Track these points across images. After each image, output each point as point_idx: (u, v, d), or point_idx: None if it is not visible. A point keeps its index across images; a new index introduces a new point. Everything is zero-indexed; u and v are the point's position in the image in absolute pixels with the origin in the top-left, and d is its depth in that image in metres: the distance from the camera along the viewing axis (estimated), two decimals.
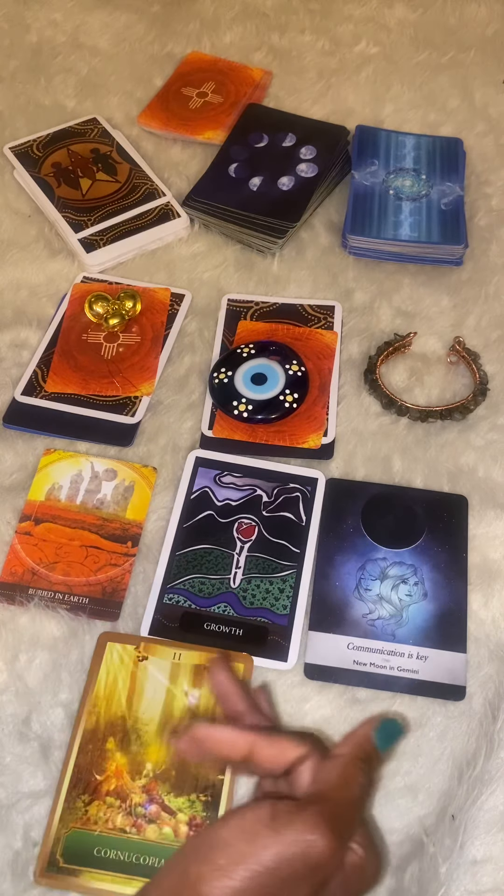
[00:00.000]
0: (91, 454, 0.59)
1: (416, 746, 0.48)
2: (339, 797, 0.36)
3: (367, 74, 0.85)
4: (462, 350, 0.63)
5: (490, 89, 0.83)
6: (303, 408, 0.61)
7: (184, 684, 0.49)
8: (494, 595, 0.53)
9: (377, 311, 0.67)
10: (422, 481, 0.58)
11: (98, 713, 0.48)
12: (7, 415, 0.61)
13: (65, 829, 0.45)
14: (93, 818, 0.45)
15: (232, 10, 0.91)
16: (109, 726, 0.48)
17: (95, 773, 0.46)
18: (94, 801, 0.46)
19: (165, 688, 0.49)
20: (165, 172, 0.76)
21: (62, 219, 0.71)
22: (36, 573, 0.54)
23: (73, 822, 0.45)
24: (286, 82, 0.84)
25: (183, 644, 0.51)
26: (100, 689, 0.49)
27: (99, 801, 0.46)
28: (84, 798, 0.46)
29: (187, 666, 0.50)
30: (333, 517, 0.56)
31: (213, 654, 0.50)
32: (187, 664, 0.50)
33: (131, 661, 0.50)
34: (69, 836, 0.45)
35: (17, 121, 0.81)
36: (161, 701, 0.48)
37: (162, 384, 0.63)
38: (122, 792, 0.46)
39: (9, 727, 0.48)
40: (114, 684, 0.49)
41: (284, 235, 0.69)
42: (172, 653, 0.50)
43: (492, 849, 0.44)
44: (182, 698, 0.49)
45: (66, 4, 0.91)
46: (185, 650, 0.50)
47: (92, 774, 0.46)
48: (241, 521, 0.56)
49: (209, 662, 0.48)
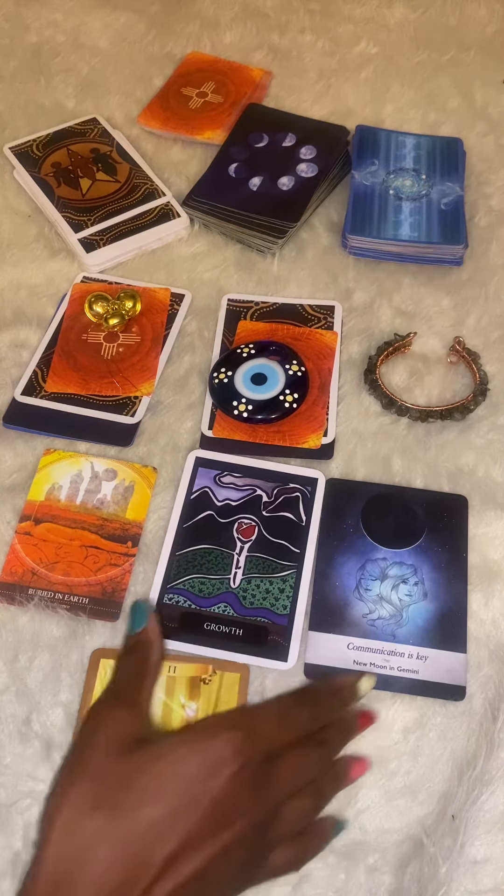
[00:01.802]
0: (91, 454, 0.59)
1: (416, 746, 0.48)
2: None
3: (367, 74, 0.85)
4: (462, 350, 0.63)
5: (490, 89, 0.83)
6: (303, 408, 0.61)
7: (180, 697, 0.49)
8: (494, 595, 0.53)
9: (377, 311, 0.67)
10: (422, 481, 0.58)
11: None
12: (7, 415, 0.61)
13: None
14: None
15: (232, 10, 0.91)
16: None
17: None
18: None
19: (162, 702, 0.48)
20: (165, 172, 0.76)
21: (62, 219, 0.71)
22: (36, 573, 0.54)
23: None
24: (286, 82, 0.84)
25: (177, 656, 0.50)
26: None
27: None
28: None
29: (183, 679, 0.49)
30: (333, 517, 0.56)
31: (207, 665, 0.49)
32: (183, 676, 0.49)
33: None
34: None
35: (17, 121, 0.81)
36: (157, 715, 0.48)
37: (162, 384, 0.63)
38: None
39: (9, 727, 0.48)
40: None
41: (284, 235, 0.69)
42: (167, 666, 0.50)
43: (492, 849, 0.44)
44: (179, 711, 0.48)
45: (66, 4, 0.91)
46: (180, 663, 0.50)
47: None
48: (241, 521, 0.56)
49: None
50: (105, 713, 0.41)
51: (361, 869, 0.45)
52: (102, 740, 0.39)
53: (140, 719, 0.42)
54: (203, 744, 0.38)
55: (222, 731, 0.38)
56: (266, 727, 0.40)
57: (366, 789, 0.46)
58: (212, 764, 0.37)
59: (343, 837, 0.45)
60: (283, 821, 0.39)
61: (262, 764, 0.38)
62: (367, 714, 0.45)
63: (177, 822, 0.36)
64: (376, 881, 0.44)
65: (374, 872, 0.45)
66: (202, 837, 0.36)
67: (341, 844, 0.45)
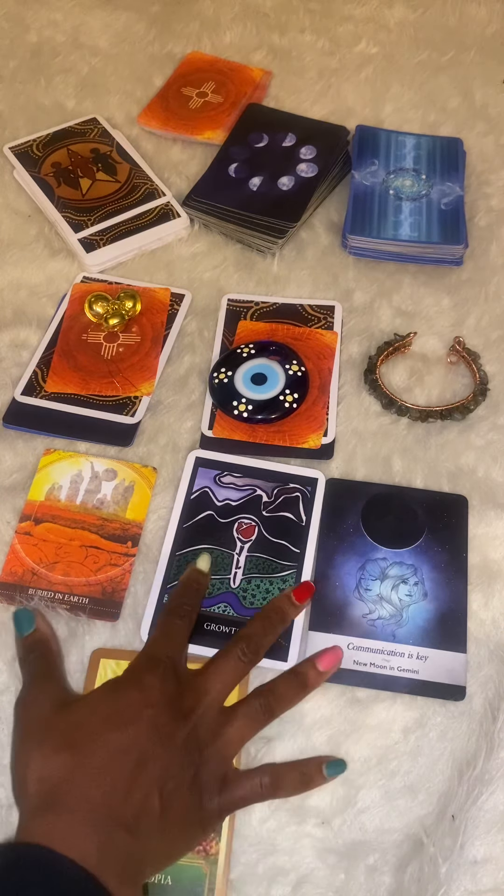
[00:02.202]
0: (91, 454, 0.59)
1: (416, 746, 0.48)
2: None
3: (367, 74, 0.85)
4: (462, 350, 0.63)
5: (490, 89, 0.83)
6: (303, 408, 0.61)
7: None
8: (494, 595, 0.53)
9: (377, 311, 0.67)
10: (422, 481, 0.58)
11: None
12: (7, 415, 0.61)
13: None
14: None
15: (232, 10, 0.91)
16: None
17: None
18: None
19: None
20: (165, 172, 0.76)
21: (62, 219, 0.71)
22: (36, 573, 0.54)
23: None
24: (286, 82, 0.84)
25: None
26: None
27: None
28: None
29: None
30: (333, 517, 0.56)
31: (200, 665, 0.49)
32: None
33: None
34: None
35: (17, 121, 0.81)
36: None
37: (162, 384, 0.63)
38: None
39: (9, 727, 0.48)
40: None
41: (284, 235, 0.69)
42: None
43: (492, 849, 0.44)
44: None
45: (66, 4, 0.91)
46: None
47: None
48: (241, 521, 0.56)
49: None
50: (35, 690, 0.46)
51: (361, 869, 0.45)
52: (40, 709, 0.44)
53: (62, 688, 0.47)
54: (121, 681, 0.45)
55: (131, 670, 0.45)
56: (158, 647, 0.47)
57: (366, 789, 0.47)
58: (136, 689, 0.43)
59: (343, 837, 0.45)
60: (231, 721, 0.44)
61: (182, 674, 0.45)
62: (303, 586, 0.50)
63: (126, 739, 0.41)
64: (376, 881, 0.44)
65: (374, 872, 0.45)
66: (154, 743, 0.41)
67: (341, 844, 0.45)
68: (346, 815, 0.46)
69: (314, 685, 0.47)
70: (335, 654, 0.48)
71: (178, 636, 0.48)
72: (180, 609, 0.49)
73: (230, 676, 0.46)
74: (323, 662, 0.47)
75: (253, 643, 0.47)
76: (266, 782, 0.44)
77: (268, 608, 0.49)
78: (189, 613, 0.49)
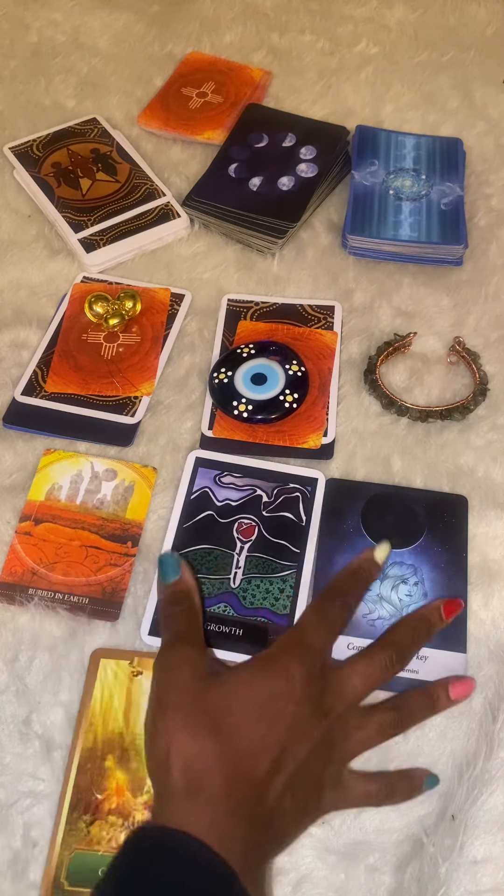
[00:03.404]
0: (91, 454, 0.59)
1: (416, 746, 0.48)
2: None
3: (367, 74, 0.85)
4: (462, 350, 0.63)
5: (490, 89, 0.83)
6: (303, 408, 0.61)
7: None
8: (494, 595, 0.53)
9: (377, 311, 0.67)
10: (422, 481, 0.58)
11: (95, 731, 0.48)
12: (7, 415, 0.61)
13: (68, 852, 0.44)
14: (95, 838, 0.45)
15: (232, 10, 0.91)
16: (107, 744, 0.47)
17: (96, 792, 0.46)
18: (95, 820, 0.45)
19: None
20: (165, 172, 0.76)
21: (62, 219, 0.71)
22: (36, 573, 0.54)
23: (76, 843, 0.45)
24: (286, 82, 0.84)
25: None
26: (95, 707, 0.48)
27: (101, 821, 0.45)
28: (86, 819, 0.45)
29: None
30: (333, 517, 0.56)
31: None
32: None
33: (126, 677, 0.49)
34: (73, 860, 0.44)
35: (17, 121, 0.81)
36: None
37: (162, 384, 0.63)
38: (123, 810, 0.46)
39: (9, 727, 0.48)
40: (109, 701, 0.49)
41: (284, 235, 0.69)
42: None
43: (492, 849, 0.44)
44: None
45: (66, 4, 0.91)
46: None
47: (92, 794, 0.46)
48: (241, 521, 0.56)
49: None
50: (178, 654, 0.45)
51: (361, 869, 0.45)
52: (183, 678, 0.43)
53: (207, 656, 0.46)
54: (269, 664, 0.43)
55: (279, 653, 0.44)
56: (313, 634, 0.44)
57: None
58: (282, 679, 0.42)
59: (343, 837, 0.45)
60: (364, 727, 0.43)
61: (328, 669, 0.44)
62: (452, 602, 0.48)
63: (269, 734, 0.41)
64: (376, 881, 0.44)
65: (374, 872, 0.45)
66: (294, 741, 0.41)
67: (341, 844, 0.45)
68: (346, 814, 0.46)
69: (442, 710, 0.46)
70: (468, 686, 0.46)
71: (335, 624, 0.45)
72: (345, 596, 0.46)
73: (373, 682, 0.44)
74: (455, 691, 0.46)
75: (401, 653, 0.45)
76: (382, 790, 0.44)
77: (416, 617, 0.47)
78: (350, 604, 0.46)
